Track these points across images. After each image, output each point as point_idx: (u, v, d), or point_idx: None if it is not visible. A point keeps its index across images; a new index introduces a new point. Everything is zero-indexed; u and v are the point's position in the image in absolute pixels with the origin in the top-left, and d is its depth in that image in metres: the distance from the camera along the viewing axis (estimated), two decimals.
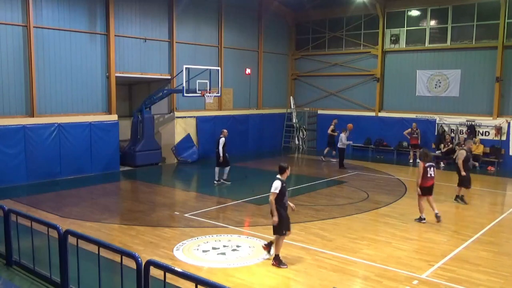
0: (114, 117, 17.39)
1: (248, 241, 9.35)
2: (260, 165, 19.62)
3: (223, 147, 14.83)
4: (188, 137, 19.95)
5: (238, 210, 11.99)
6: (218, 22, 21.44)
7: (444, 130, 20.56)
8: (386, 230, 10.37)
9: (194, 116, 20.47)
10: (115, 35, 17.24)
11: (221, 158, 14.86)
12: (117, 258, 4.09)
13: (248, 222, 11.11)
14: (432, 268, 8.04)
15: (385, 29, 22.58)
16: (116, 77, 17.51)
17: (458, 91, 20.65)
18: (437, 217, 10.90)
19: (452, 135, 20.31)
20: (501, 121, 19.34)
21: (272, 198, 7.90)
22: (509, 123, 19.08)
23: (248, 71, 22.89)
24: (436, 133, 20.82)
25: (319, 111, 24.75)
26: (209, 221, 10.84)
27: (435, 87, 21.29)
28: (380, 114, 22.77)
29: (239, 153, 21.50)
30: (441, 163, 19.61)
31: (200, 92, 17.85)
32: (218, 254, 8.61)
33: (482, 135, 19.72)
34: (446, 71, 20.94)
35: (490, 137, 19.52)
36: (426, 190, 10.86)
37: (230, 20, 21.89)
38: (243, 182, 16.06)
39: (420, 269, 7.97)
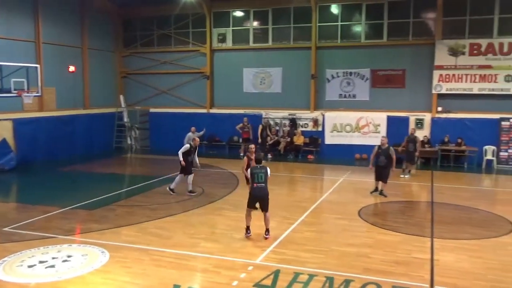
0: None
1: (81, 250, 8.77)
2: (90, 168, 18.54)
3: (184, 152, 13.35)
4: (3, 142, 17.79)
5: (67, 218, 11.15)
6: (35, 14, 19.53)
7: (270, 124, 22.10)
8: (222, 222, 10.75)
9: (10, 119, 18.34)
10: None
11: (181, 163, 13.38)
12: None
13: (79, 229, 10.43)
14: (264, 253, 8.60)
15: (212, 28, 23.27)
16: None
17: (280, 88, 22.41)
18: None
19: (277, 128, 21.98)
20: (317, 114, 21.59)
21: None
22: (323, 116, 21.38)
23: (71, 68, 21.42)
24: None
25: (151, 110, 24.40)
26: (34, 232, 9.86)
27: (260, 84, 22.75)
28: (212, 111, 23.44)
29: (67, 156, 20.03)
30: (268, 155, 21.05)
31: (16, 92, 16.10)
32: (46, 267, 7.90)
33: (302, 127, 21.74)
34: (269, 69, 22.53)
35: (309, 128, 21.64)
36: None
37: (48, 13, 20.12)
38: (71, 187, 15.01)
39: (255, 255, 8.46)
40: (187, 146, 13.68)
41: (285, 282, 7.27)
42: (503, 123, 19.15)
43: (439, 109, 20.00)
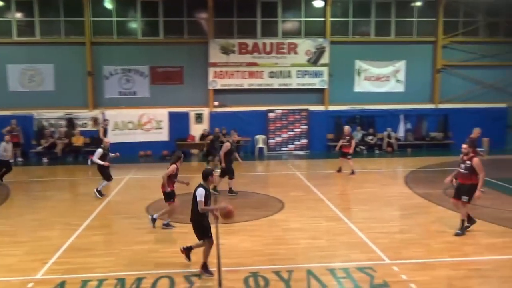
0: None
1: None
2: None
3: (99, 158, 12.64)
4: None
5: None
6: None
7: (44, 125, 20.27)
8: None
9: None
10: None
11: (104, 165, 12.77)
12: None
13: None
14: (46, 266, 7.87)
15: None
16: None
17: (53, 85, 20.72)
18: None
19: (52, 129, 20.26)
20: (96, 112, 20.67)
21: (202, 207, 7.30)
22: (104, 114, 20.57)
23: None
24: (35, 129, 20.26)
25: None
26: None
27: (29, 82, 20.61)
28: None
29: None
30: (44, 159, 19.30)
31: None
32: None
33: (81, 127, 20.54)
34: (39, 65, 20.59)
35: (89, 128, 20.59)
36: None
37: None
38: None
39: (35, 270, 7.67)
40: (100, 150, 12.59)
41: None
42: (269, 114, 21.58)
43: (216, 103, 21.37)
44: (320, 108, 21.87)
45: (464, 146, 9.51)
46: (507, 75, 22.35)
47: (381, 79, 22.20)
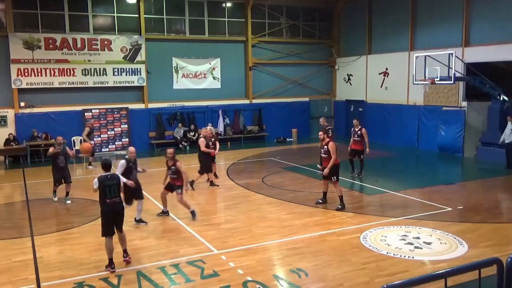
0: None
1: None
2: None
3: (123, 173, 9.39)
4: None
5: None
6: None
7: None
8: None
9: None
10: None
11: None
12: None
13: None
14: None
15: None
16: None
17: None
18: None
19: None
20: None
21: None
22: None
23: None
24: None
25: None
26: None
27: None
28: None
29: None
30: None
31: None
32: None
33: None
34: None
35: None
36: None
37: None
38: None
39: None
40: (123, 162, 9.36)
41: None
42: (86, 114, 20.34)
43: (22, 104, 19.28)
44: (140, 106, 21.46)
45: (320, 133, 10.66)
46: (307, 72, 25.09)
47: (199, 76, 22.78)
